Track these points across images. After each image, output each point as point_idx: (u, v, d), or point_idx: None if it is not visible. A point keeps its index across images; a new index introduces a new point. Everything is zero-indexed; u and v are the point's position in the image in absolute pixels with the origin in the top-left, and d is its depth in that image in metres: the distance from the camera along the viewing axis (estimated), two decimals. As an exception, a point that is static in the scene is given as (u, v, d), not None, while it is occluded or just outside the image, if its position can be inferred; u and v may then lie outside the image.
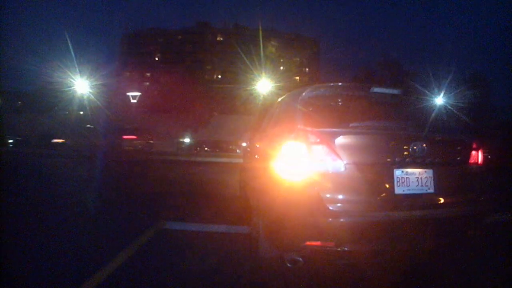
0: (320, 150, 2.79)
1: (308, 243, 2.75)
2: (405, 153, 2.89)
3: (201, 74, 44.89)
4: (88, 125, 35.00)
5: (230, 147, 35.14)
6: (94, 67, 37.45)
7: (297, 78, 58.51)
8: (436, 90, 32.55)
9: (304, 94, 3.37)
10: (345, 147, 2.79)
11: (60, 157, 20.47)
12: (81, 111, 40.40)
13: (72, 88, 35.06)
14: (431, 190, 2.90)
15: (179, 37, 68.01)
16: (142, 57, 66.54)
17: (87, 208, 6.18)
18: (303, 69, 65.54)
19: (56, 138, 35.27)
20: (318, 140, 2.81)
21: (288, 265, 2.85)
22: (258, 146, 4.26)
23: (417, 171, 2.89)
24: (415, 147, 2.89)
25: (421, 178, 2.90)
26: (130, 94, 28.48)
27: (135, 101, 28.13)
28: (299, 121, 3.04)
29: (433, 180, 2.91)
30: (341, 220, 2.69)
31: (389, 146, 2.90)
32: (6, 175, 10.54)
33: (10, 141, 32.47)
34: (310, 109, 3.19)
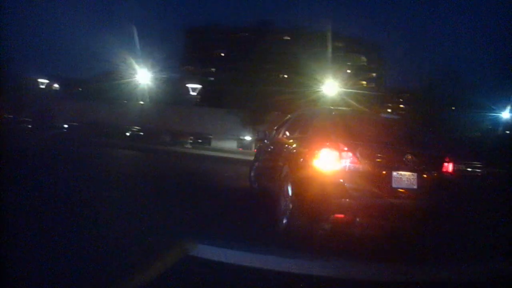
0: (346, 155, 4.21)
1: (334, 215, 4.19)
2: (400, 161, 4.34)
3: (262, 72, 43.35)
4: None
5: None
6: (157, 61, 36.66)
7: (364, 83, 54.88)
8: (496, 103, 29.46)
9: (333, 113, 5.14)
10: (362, 154, 4.25)
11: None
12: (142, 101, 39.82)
13: (135, 79, 34.45)
14: (415, 187, 4.33)
15: (244, 34, 66.39)
16: (205, 53, 65.65)
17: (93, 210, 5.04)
18: (369, 74, 61.59)
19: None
20: (346, 148, 4.24)
21: (320, 231, 4.41)
22: (291, 147, 5.49)
23: (407, 173, 4.32)
24: (406, 157, 4.33)
25: (409, 178, 4.32)
26: (190, 86, 26.56)
27: (194, 93, 26.15)
28: (332, 133, 4.56)
29: (417, 180, 4.33)
30: (357, 201, 4.17)
31: (390, 155, 4.40)
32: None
33: (65, 126, 32.00)
34: (338, 125, 4.74)
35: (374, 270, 3.56)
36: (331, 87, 31.56)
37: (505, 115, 30.40)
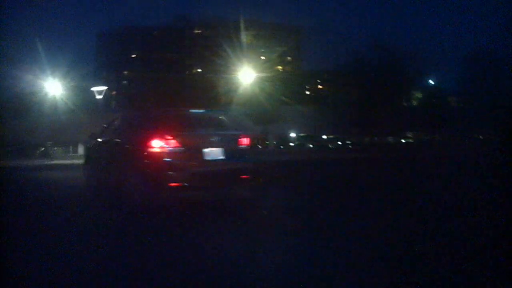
0: (171, 142, 5.76)
1: (170, 184, 5.77)
2: (210, 141, 6.07)
3: (180, 68, 42.55)
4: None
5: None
6: (68, 70, 34.33)
7: (280, 67, 55.67)
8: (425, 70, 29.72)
9: (156, 112, 7.30)
10: (182, 140, 5.83)
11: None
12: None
13: (46, 91, 32.03)
14: (222, 157, 6.01)
15: (158, 33, 64.51)
16: (120, 55, 62.95)
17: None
18: (285, 58, 62.60)
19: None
20: (170, 137, 5.77)
21: (162, 198, 6.02)
22: (128, 142, 6.72)
23: (215, 149, 6.00)
24: (214, 138, 6.13)
25: (217, 152, 5.99)
26: (95, 89, 25.04)
27: (100, 96, 24.69)
28: (158, 128, 6.09)
29: (223, 153, 6.02)
30: (183, 172, 5.78)
31: (202, 138, 6.16)
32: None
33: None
34: (163, 121, 6.42)
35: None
36: (245, 75, 31.64)
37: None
